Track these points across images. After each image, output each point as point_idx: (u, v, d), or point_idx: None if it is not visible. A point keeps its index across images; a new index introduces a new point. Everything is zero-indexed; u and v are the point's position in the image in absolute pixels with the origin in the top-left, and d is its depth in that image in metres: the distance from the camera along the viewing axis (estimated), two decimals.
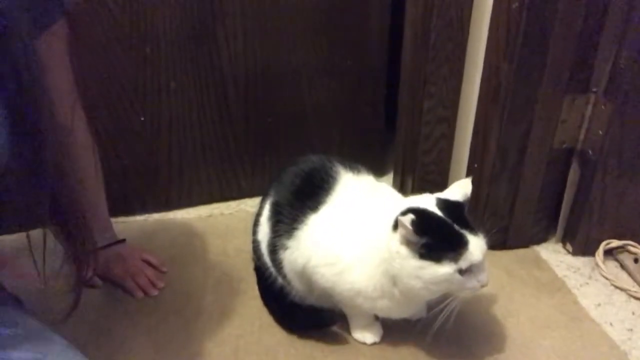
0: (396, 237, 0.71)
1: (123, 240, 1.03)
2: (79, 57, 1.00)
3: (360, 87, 1.25)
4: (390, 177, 1.33)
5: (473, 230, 0.71)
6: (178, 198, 1.23)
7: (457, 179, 1.16)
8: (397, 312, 0.82)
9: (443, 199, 0.75)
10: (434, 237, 0.69)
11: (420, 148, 1.15)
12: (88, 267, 0.69)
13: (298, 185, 0.85)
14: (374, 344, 0.87)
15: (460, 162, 1.14)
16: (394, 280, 0.75)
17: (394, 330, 0.88)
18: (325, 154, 0.91)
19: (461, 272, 0.70)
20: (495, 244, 1.11)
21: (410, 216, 0.68)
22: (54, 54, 0.69)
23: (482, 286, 0.73)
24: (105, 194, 0.98)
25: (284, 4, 1.11)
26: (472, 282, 0.71)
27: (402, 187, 1.24)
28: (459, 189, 0.77)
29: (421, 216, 0.69)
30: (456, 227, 0.71)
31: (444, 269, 0.69)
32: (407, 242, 0.70)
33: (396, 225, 0.71)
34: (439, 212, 0.73)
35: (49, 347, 0.61)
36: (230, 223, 1.19)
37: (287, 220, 0.83)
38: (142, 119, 1.12)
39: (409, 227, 0.67)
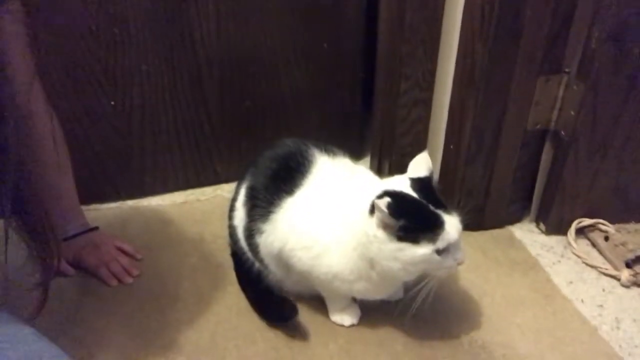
0: (373, 221, 0.71)
1: (96, 228, 1.01)
2: (41, 39, 0.97)
3: (337, 69, 1.24)
4: (367, 159, 1.33)
5: (447, 210, 0.72)
6: (152, 184, 1.21)
7: (433, 160, 1.16)
8: (374, 294, 0.82)
9: (416, 178, 0.76)
10: (411, 219, 0.69)
11: (397, 130, 1.15)
12: (53, 261, 0.67)
13: (274, 170, 0.85)
14: (352, 325, 0.88)
15: (437, 144, 1.14)
16: (371, 262, 0.75)
17: (371, 311, 0.88)
18: (301, 137, 0.90)
19: (439, 252, 0.70)
20: (471, 224, 1.11)
21: (387, 199, 0.68)
22: (6, 34, 0.66)
23: (459, 264, 0.74)
24: (74, 180, 0.95)
25: None
26: (449, 261, 0.72)
27: (380, 170, 1.24)
28: (422, 164, 0.77)
29: (397, 199, 0.69)
30: (431, 207, 0.71)
31: (422, 250, 0.69)
32: (385, 226, 0.70)
33: (372, 210, 0.71)
34: (413, 194, 0.73)
35: (16, 335, 0.59)
36: (207, 209, 1.18)
37: (262, 204, 0.82)
38: (113, 103, 1.09)
39: (385, 210, 0.67)
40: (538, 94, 1.02)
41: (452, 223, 0.71)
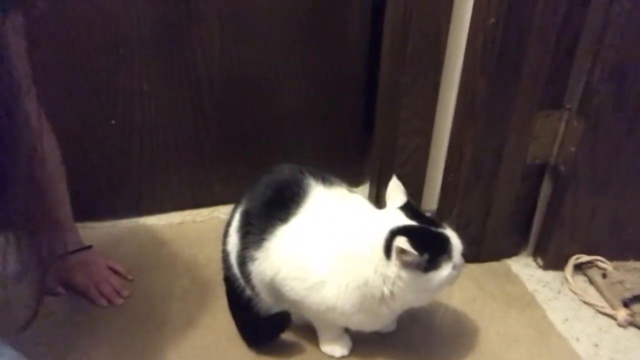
0: (392, 263, 0.72)
1: (89, 247, 1.00)
2: (44, 55, 0.97)
3: (338, 94, 1.24)
4: (367, 186, 1.32)
5: (442, 225, 0.75)
6: (149, 204, 1.20)
7: (432, 191, 1.17)
8: (371, 326, 0.82)
9: (404, 206, 0.77)
10: (431, 249, 0.71)
11: (396, 159, 1.14)
12: (52, 275, 0.67)
13: (269, 197, 0.84)
14: (343, 357, 0.86)
15: (436, 174, 1.14)
16: (382, 299, 0.75)
17: (362, 343, 0.87)
18: (300, 161, 0.89)
19: (455, 266, 0.73)
20: (467, 257, 1.10)
21: (405, 239, 0.69)
22: (9, 44, 0.67)
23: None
24: (69, 197, 0.95)
25: (261, 7, 1.09)
26: (458, 269, 0.75)
27: (378, 198, 1.23)
28: (397, 190, 0.80)
29: (413, 236, 0.70)
30: (433, 229, 0.73)
31: (445, 272, 0.73)
32: (408, 264, 0.71)
33: (388, 251, 0.71)
34: (413, 222, 0.74)
35: None
36: (202, 231, 1.17)
37: (256, 231, 0.81)
38: (113, 122, 1.10)
39: (413, 251, 0.69)
40: (538, 129, 1.02)
41: (453, 235, 0.75)
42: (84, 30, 1.00)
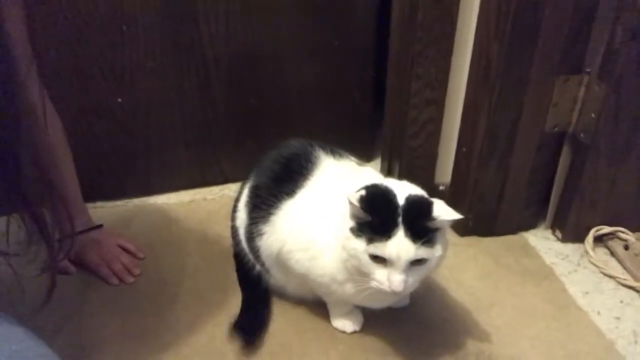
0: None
1: (100, 226, 1.00)
2: (48, 34, 0.96)
3: (347, 68, 1.21)
4: (378, 161, 1.30)
5: (412, 236, 0.65)
6: (158, 182, 1.20)
7: (445, 163, 1.14)
8: (372, 300, 0.77)
9: (420, 198, 0.70)
10: (378, 218, 0.66)
11: (408, 131, 1.12)
12: (63, 252, 0.67)
13: (277, 171, 0.83)
14: (354, 332, 0.85)
15: (449, 146, 1.11)
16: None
17: (375, 318, 0.86)
18: (308, 138, 0.88)
19: (373, 257, 0.66)
20: (483, 230, 1.08)
21: (362, 192, 0.66)
22: (8, 17, 0.66)
23: (391, 289, 0.66)
24: (79, 177, 0.95)
25: None
26: (380, 275, 0.67)
27: (389, 172, 1.21)
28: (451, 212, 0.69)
29: (371, 194, 0.67)
30: (399, 219, 0.66)
31: (355, 243, 0.67)
32: (353, 216, 0.68)
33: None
34: (398, 201, 0.68)
35: (4, 335, 0.58)
36: (212, 209, 1.17)
37: (264, 206, 0.80)
38: (120, 100, 1.09)
39: (357, 204, 0.66)
40: (557, 95, 0.97)
41: (400, 245, 0.64)
42: (87, 5, 0.98)
